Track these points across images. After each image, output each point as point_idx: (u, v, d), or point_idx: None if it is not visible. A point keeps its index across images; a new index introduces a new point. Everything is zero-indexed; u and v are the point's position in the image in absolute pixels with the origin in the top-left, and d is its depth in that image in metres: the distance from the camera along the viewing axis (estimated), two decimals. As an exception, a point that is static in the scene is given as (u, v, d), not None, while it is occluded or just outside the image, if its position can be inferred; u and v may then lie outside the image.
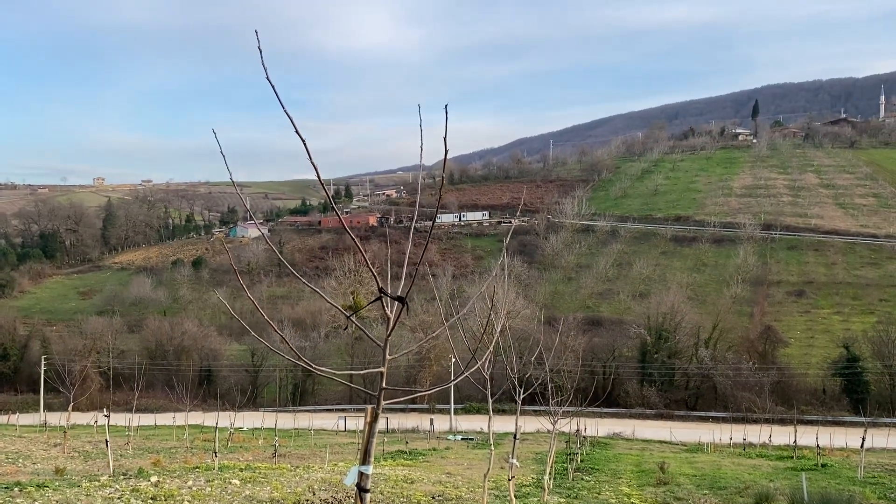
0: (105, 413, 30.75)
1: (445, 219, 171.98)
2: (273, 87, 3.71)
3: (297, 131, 3.75)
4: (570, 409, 22.34)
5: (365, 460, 4.41)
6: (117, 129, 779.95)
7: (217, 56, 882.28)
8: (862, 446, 32.98)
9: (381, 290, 4.27)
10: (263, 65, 3.67)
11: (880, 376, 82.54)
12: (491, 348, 8.76)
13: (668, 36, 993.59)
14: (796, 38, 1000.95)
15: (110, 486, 20.69)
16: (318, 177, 3.92)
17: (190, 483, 21.90)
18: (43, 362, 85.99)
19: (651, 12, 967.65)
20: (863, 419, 54.71)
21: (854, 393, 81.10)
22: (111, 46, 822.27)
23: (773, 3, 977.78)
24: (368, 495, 4.41)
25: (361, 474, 4.40)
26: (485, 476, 12.98)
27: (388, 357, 4.40)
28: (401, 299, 4.29)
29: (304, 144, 3.79)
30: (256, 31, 3.74)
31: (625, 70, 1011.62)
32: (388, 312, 4.32)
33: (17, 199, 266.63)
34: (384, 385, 4.39)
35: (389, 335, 4.34)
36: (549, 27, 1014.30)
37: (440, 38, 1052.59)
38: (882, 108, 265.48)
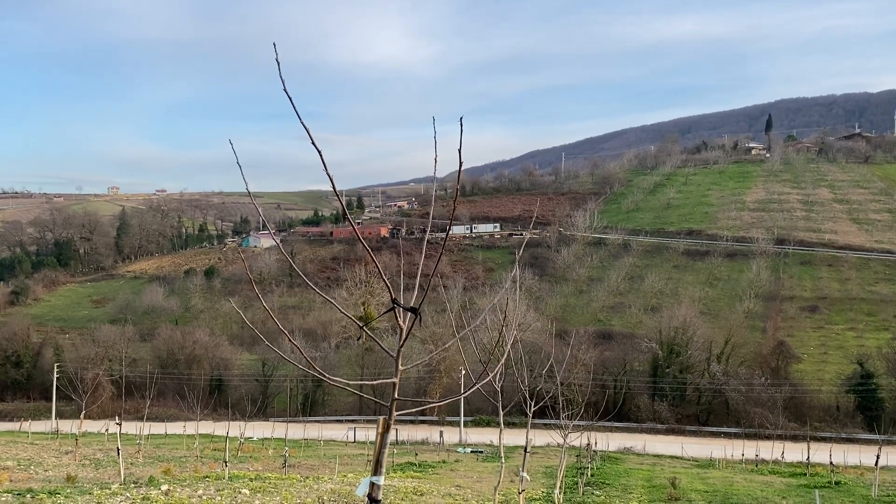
0: (116, 421, 30.85)
1: (457, 231, 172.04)
2: (290, 98, 3.75)
3: (313, 143, 3.79)
4: (581, 422, 22.24)
5: (376, 471, 4.41)
6: (132, 140, 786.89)
7: (231, 69, 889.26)
8: (876, 464, 32.61)
9: (394, 300, 4.28)
10: (281, 77, 3.71)
11: (895, 393, 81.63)
12: (502, 361, 8.75)
13: (681, 51, 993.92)
14: (809, 54, 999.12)
15: (121, 495, 20.76)
16: (334, 188, 3.96)
17: (200, 492, 21.93)
18: (55, 370, 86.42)
19: (663, 28, 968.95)
20: (877, 437, 54.05)
21: (868, 410, 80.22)
22: (127, 60, 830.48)
23: (785, 19, 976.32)
24: (379, 506, 4.41)
25: (373, 485, 4.40)
26: (495, 489, 12.93)
27: (400, 368, 4.41)
28: (414, 310, 4.30)
29: (321, 156, 3.82)
30: (274, 44, 3.78)
31: (638, 84, 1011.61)
32: (401, 323, 4.33)
33: (33, 207, 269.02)
34: (396, 396, 4.39)
35: (402, 346, 4.35)
36: (562, 42, 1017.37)
37: (453, 52, 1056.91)
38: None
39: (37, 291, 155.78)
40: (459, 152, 4.38)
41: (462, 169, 4.55)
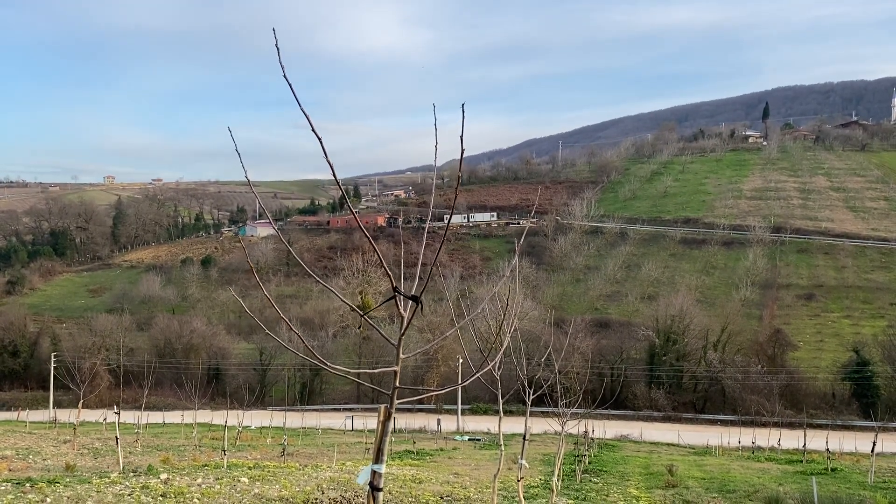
0: (115, 410, 30.84)
1: (454, 219, 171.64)
2: (290, 85, 3.72)
3: (314, 130, 3.76)
4: (579, 410, 22.31)
5: (378, 459, 4.40)
6: (128, 129, 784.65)
7: (225, 58, 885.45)
8: (872, 451, 32.78)
9: (395, 289, 4.26)
10: (281, 63, 3.68)
11: (890, 380, 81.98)
12: (502, 350, 8.74)
13: (676, 39, 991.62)
14: (806, 41, 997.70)
15: (120, 483, 20.79)
16: (335, 175, 3.93)
17: (199, 481, 21.97)
18: (53, 359, 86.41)
19: (658, 15, 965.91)
20: (873, 423, 54.41)
21: (864, 397, 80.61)
22: (122, 48, 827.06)
23: (780, 7, 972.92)
24: (381, 494, 4.41)
25: (374, 473, 4.40)
26: (494, 477, 12.96)
27: (401, 356, 4.39)
28: (415, 298, 4.29)
29: (321, 143, 3.79)
30: (274, 30, 3.74)
31: (634, 72, 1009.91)
32: (402, 311, 4.31)
33: (29, 196, 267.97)
34: (397, 384, 4.38)
35: (403, 334, 4.34)
36: (557, 30, 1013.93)
37: (448, 40, 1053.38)
38: (894, 110, 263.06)
39: (33, 281, 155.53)
40: (461, 139, 4.35)
41: (462, 157, 4.51)
